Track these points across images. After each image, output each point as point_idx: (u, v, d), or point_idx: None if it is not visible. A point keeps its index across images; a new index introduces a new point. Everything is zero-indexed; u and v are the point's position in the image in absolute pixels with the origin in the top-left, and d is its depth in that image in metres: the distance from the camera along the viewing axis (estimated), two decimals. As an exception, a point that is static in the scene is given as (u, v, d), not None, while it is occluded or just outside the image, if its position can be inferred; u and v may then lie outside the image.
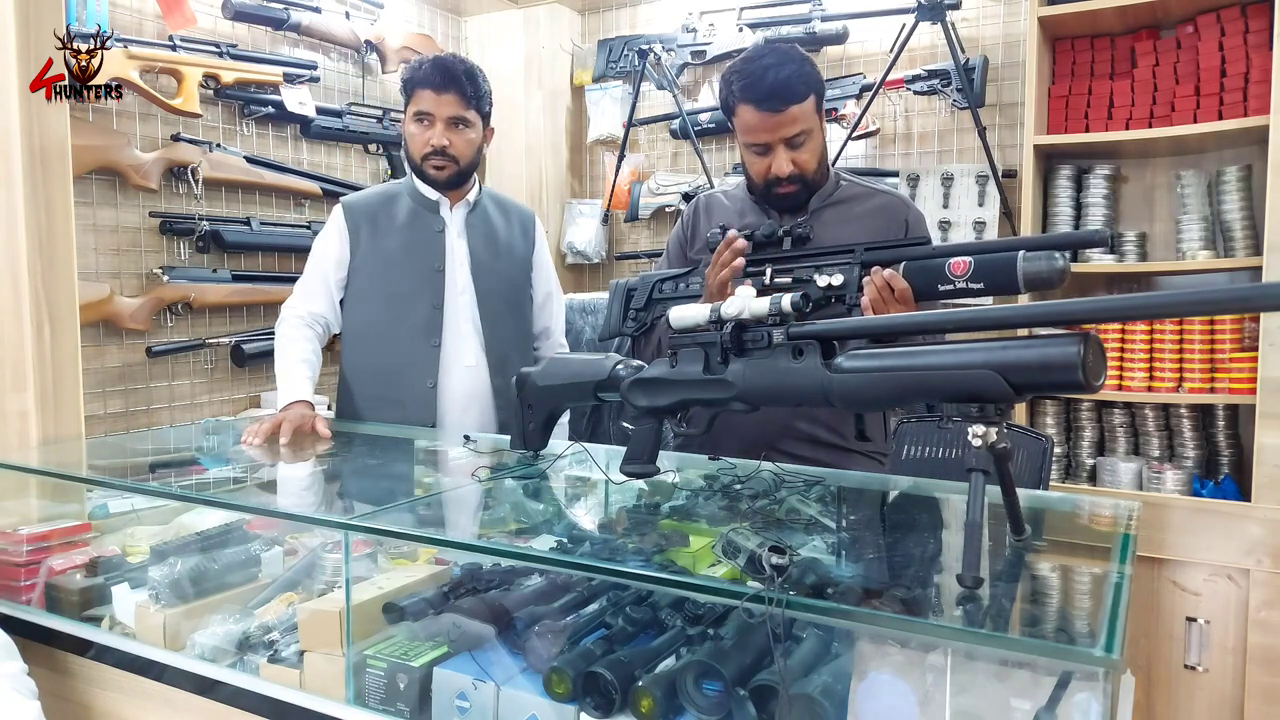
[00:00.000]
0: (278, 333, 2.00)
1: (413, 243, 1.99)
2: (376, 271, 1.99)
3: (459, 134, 1.95)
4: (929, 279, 1.34)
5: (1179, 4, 2.46)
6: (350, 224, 2.00)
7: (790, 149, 1.63)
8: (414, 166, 1.99)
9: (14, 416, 1.82)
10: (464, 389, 1.98)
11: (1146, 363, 2.47)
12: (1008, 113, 2.86)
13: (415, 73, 1.95)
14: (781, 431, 1.66)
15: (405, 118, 1.98)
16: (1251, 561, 2.25)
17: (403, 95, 1.99)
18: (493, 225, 2.07)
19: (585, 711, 1.03)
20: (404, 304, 1.97)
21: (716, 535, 1.07)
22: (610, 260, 3.57)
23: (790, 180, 1.65)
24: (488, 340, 2.00)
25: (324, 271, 2.00)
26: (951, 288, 1.31)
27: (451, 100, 1.93)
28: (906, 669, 0.89)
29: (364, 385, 2.00)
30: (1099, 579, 0.99)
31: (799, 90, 1.58)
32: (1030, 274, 1.23)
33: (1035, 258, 1.23)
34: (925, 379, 0.95)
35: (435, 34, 3.40)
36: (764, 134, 1.62)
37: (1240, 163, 2.46)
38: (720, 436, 1.56)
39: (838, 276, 1.44)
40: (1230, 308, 0.88)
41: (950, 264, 1.31)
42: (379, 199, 2.05)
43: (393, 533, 1.20)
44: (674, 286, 1.66)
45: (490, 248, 2.05)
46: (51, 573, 1.51)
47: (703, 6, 3.29)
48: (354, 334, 2.02)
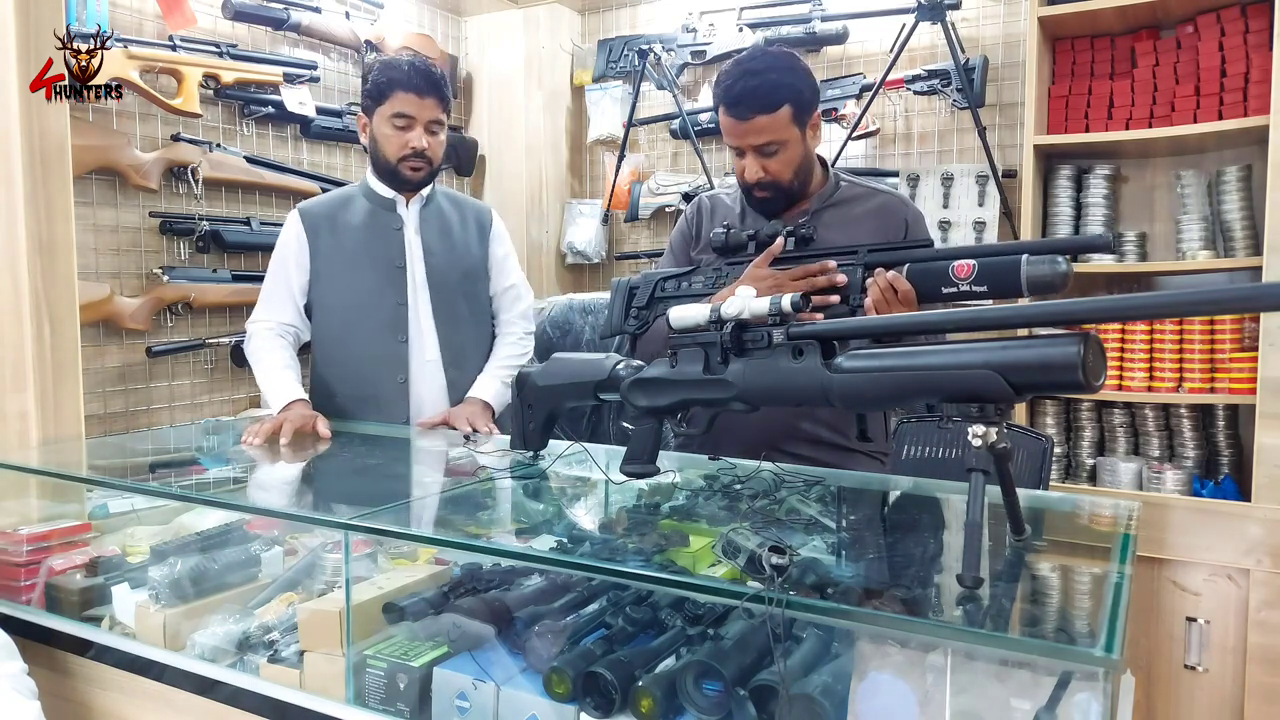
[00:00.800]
0: (250, 347, 2.01)
1: (372, 242, 2.01)
2: (339, 273, 2.00)
3: (435, 137, 1.99)
4: (932, 281, 1.34)
5: (1179, 4, 2.46)
6: (309, 228, 2.01)
7: (761, 156, 1.63)
8: (386, 167, 1.98)
9: (14, 416, 1.82)
10: (429, 383, 2.02)
11: (1146, 363, 2.47)
12: (1008, 113, 2.86)
13: (392, 74, 1.94)
14: (784, 432, 1.66)
15: (375, 117, 1.96)
16: (1251, 561, 2.25)
17: (370, 95, 1.96)
18: (446, 219, 2.08)
19: (585, 711, 1.03)
20: (369, 303, 1.99)
21: (716, 535, 1.07)
22: (610, 260, 3.57)
23: (761, 186, 1.66)
24: (442, 333, 2.03)
25: (286, 279, 2.01)
26: (955, 290, 1.32)
27: (432, 104, 1.95)
28: (906, 669, 0.89)
29: (337, 386, 2.01)
30: (1099, 579, 0.99)
31: (768, 100, 1.58)
32: (1034, 278, 1.24)
33: (1039, 262, 1.24)
34: (925, 379, 0.95)
35: (435, 34, 3.40)
36: (733, 138, 1.64)
37: (1240, 163, 2.46)
38: (722, 436, 1.56)
39: (840, 277, 1.45)
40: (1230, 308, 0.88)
41: (954, 267, 1.32)
42: (334, 202, 2.06)
43: (393, 533, 1.20)
44: (676, 285, 1.66)
45: (444, 241, 2.06)
46: (51, 573, 1.51)
47: (703, 6, 3.29)
48: (323, 336, 2.04)
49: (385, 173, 2.00)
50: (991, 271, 1.28)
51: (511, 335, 2.15)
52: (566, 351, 1.96)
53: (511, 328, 2.16)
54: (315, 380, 2.04)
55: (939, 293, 1.34)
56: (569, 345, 2.79)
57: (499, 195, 3.50)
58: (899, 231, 1.66)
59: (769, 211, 1.70)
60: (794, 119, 1.61)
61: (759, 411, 1.17)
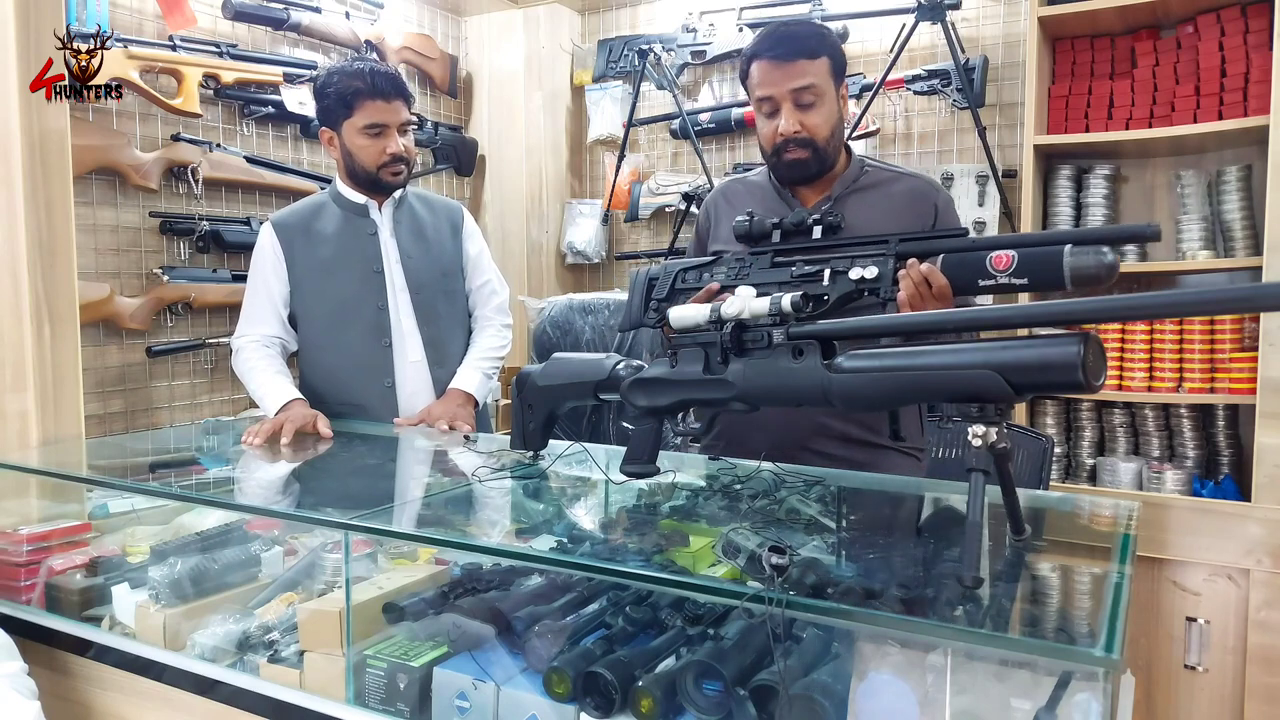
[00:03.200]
0: (238, 362, 2.00)
1: (349, 249, 2.01)
2: (318, 282, 2.00)
3: (407, 138, 1.99)
4: (969, 273, 1.26)
5: (1179, 4, 2.46)
6: (283, 240, 2.00)
7: (799, 109, 1.57)
8: (366, 176, 1.98)
9: (14, 416, 1.82)
10: (415, 384, 2.03)
11: (1146, 363, 2.47)
12: (1008, 113, 2.86)
13: (356, 83, 1.91)
14: (814, 429, 1.61)
15: (345, 129, 1.95)
16: (1251, 561, 2.25)
17: (333, 109, 1.94)
18: (419, 220, 2.09)
19: (585, 711, 1.03)
20: (350, 309, 1.99)
21: (716, 535, 1.07)
22: (610, 260, 3.58)
23: (799, 144, 1.58)
24: (425, 333, 2.04)
25: (268, 292, 2.00)
26: (993, 283, 1.23)
27: (400, 106, 1.96)
28: (906, 669, 0.89)
29: (324, 393, 2.01)
30: (1099, 579, 0.99)
31: (811, 45, 1.55)
32: (1078, 269, 1.15)
33: (1083, 253, 1.15)
34: (925, 379, 0.95)
35: (435, 34, 3.40)
36: (770, 86, 1.57)
37: (1240, 163, 2.46)
38: (750, 434, 1.55)
39: (871, 269, 1.34)
40: (1230, 308, 0.88)
41: (992, 258, 1.23)
42: (306, 211, 2.05)
43: (393, 533, 1.20)
44: (697, 276, 1.57)
45: (419, 241, 2.07)
46: (51, 573, 1.51)
47: (703, 6, 3.29)
48: (307, 345, 2.04)
49: (364, 182, 2.00)
50: (1032, 263, 1.19)
51: (490, 328, 2.16)
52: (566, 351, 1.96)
53: (489, 321, 2.17)
54: (302, 389, 2.03)
55: (975, 286, 1.25)
56: (569, 345, 2.79)
57: (499, 195, 3.50)
58: (928, 218, 1.59)
59: (798, 177, 1.63)
60: (832, 73, 1.58)
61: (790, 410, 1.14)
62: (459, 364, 2.09)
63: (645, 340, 2.67)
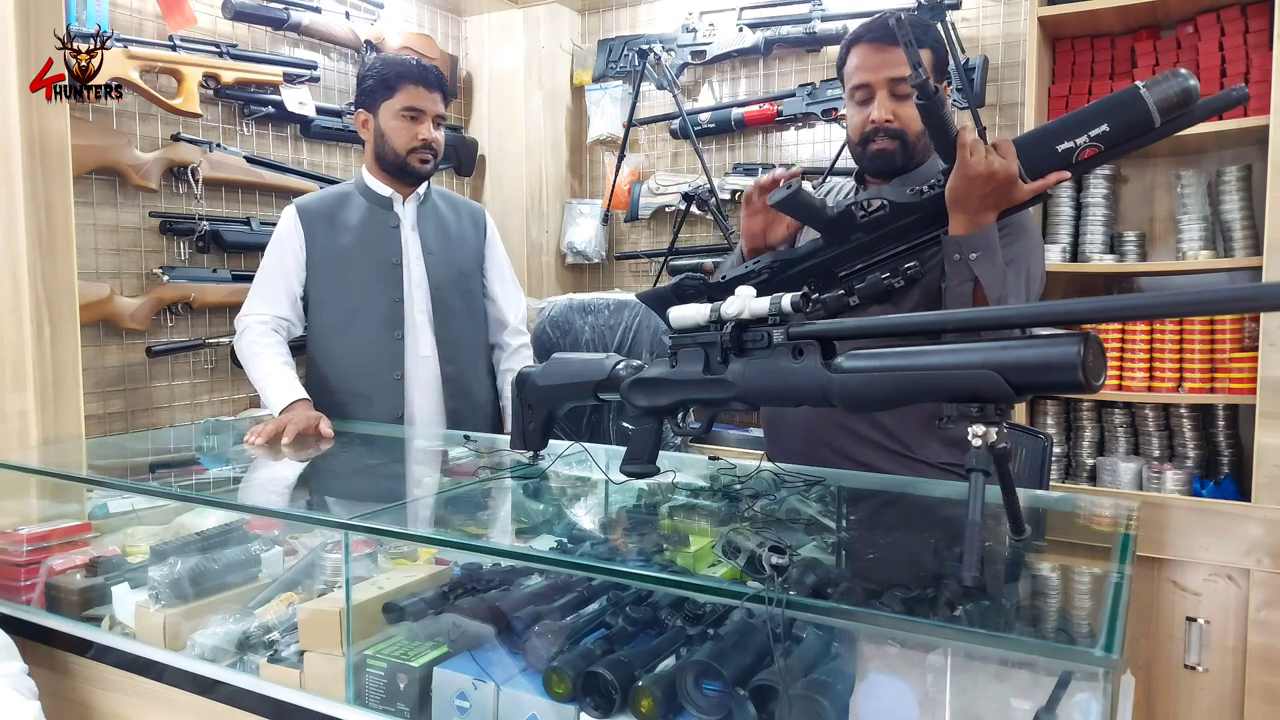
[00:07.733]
0: (242, 342, 2.01)
1: (369, 239, 2.03)
2: (336, 270, 2.02)
3: (439, 132, 2.05)
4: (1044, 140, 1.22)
5: (1179, 4, 2.46)
6: (306, 225, 2.03)
7: (894, 99, 1.53)
8: (394, 160, 2.01)
9: (14, 416, 1.82)
10: (423, 379, 2.05)
11: (1146, 363, 2.47)
12: (1008, 113, 2.86)
13: (399, 69, 1.99)
14: (839, 428, 1.57)
15: (382, 111, 2.01)
16: (1251, 561, 2.25)
17: (374, 90, 2.00)
18: (443, 218, 2.12)
19: (585, 711, 1.03)
20: (366, 299, 2.02)
21: (716, 535, 1.07)
22: (610, 260, 3.57)
23: (889, 134, 1.54)
24: (439, 329, 2.06)
25: (284, 273, 2.03)
26: (1071, 145, 1.18)
27: (438, 99, 2.03)
28: (906, 669, 0.89)
29: (333, 381, 2.03)
30: (1099, 579, 0.99)
31: (915, 34, 1.48)
32: (1162, 100, 1.10)
33: (1157, 82, 1.09)
34: (925, 379, 0.95)
35: (435, 34, 3.40)
36: (868, 72, 1.53)
37: (1240, 163, 2.46)
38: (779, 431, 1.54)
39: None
40: (1230, 308, 0.88)
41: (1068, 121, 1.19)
42: (332, 199, 2.08)
43: (393, 533, 1.20)
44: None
45: (441, 238, 2.10)
46: (51, 573, 1.51)
47: (703, 6, 3.29)
48: (319, 332, 2.05)
49: (392, 167, 2.03)
50: (1110, 110, 1.14)
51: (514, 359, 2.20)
52: (566, 351, 1.96)
53: (512, 339, 2.22)
54: (311, 375, 2.06)
55: (1054, 153, 1.21)
56: (569, 345, 2.80)
57: (499, 195, 3.50)
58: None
59: (883, 169, 1.58)
60: (933, 67, 1.53)
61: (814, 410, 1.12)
62: (470, 361, 2.11)
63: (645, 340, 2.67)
